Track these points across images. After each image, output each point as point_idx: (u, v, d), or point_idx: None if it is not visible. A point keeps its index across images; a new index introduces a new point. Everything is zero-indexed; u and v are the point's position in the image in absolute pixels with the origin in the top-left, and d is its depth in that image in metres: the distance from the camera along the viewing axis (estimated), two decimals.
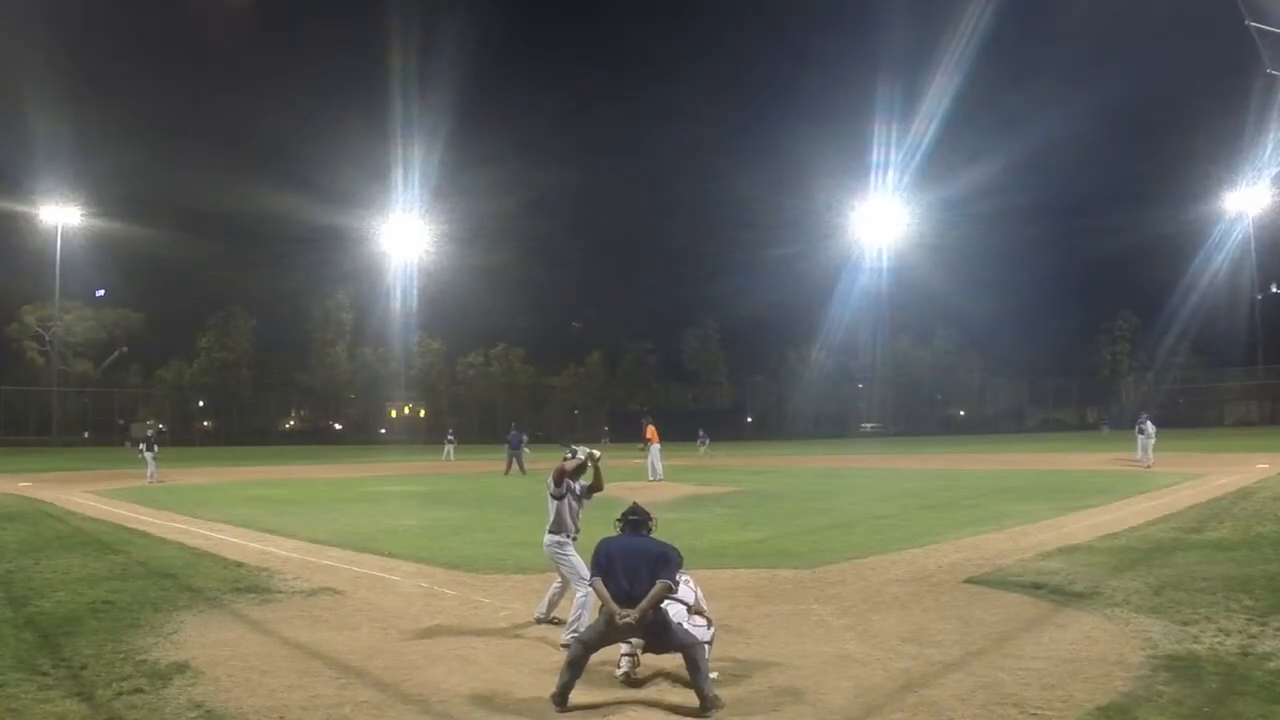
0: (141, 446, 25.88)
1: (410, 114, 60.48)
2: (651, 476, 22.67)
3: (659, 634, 5.26)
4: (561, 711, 5.05)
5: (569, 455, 6.98)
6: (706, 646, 5.36)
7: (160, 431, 46.00)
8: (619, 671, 5.60)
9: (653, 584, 5.19)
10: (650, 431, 23.53)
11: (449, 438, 39.60)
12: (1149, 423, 24.87)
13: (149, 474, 24.93)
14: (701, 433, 40.46)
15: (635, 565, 5.28)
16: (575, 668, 5.16)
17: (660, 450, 23.51)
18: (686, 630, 5.38)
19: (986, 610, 7.29)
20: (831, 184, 65.29)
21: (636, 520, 5.65)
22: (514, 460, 27.76)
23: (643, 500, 6.20)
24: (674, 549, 5.46)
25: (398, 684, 5.58)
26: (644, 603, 5.14)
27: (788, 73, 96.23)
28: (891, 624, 6.95)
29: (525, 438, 36.68)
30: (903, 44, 62.78)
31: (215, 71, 77.01)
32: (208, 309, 70.44)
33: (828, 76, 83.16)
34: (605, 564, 5.38)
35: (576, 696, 5.15)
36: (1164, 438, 26.89)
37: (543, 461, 29.26)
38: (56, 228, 59.11)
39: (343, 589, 8.72)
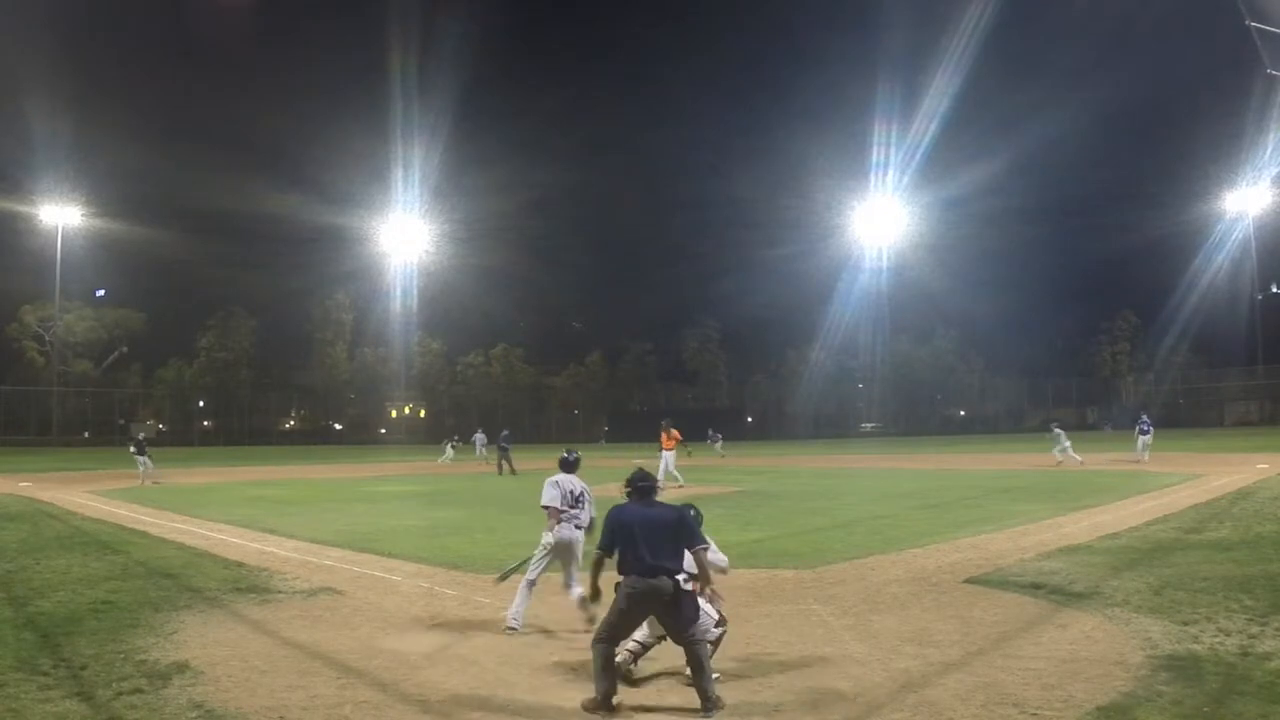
0: (132, 449, 25.89)
1: (410, 114, 60.62)
2: (672, 481, 20.76)
3: (686, 610, 5.07)
4: (609, 716, 4.90)
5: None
6: (710, 647, 5.36)
7: (160, 432, 46.00)
8: (618, 658, 5.58)
9: (676, 553, 5.10)
10: (666, 437, 21.94)
11: (455, 441, 39.90)
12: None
13: (141, 475, 24.93)
14: (711, 432, 39.89)
15: (656, 535, 5.11)
16: (609, 672, 5.00)
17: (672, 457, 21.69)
18: (705, 615, 5.31)
19: (986, 610, 7.29)
20: (831, 184, 65.39)
21: (646, 487, 5.46)
22: (504, 461, 27.87)
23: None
24: (691, 511, 5.40)
25: (398, 684, 5.58)
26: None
27: (788, 73, 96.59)
28: (891, 624, 6.95)
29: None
30: (903, 44, 62.80)
31: (215, 71, 77.33)
32: (208, 309, 70.64)
33: (828, 76, 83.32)
34: (623, 535, 5.13)
35: (576, 695, 5.15)
36: (1164, 438, 26.94)
37: (530, 461, 29.28)
38: (56, 228, 59.17)
39: (343, 589, 8.71)
